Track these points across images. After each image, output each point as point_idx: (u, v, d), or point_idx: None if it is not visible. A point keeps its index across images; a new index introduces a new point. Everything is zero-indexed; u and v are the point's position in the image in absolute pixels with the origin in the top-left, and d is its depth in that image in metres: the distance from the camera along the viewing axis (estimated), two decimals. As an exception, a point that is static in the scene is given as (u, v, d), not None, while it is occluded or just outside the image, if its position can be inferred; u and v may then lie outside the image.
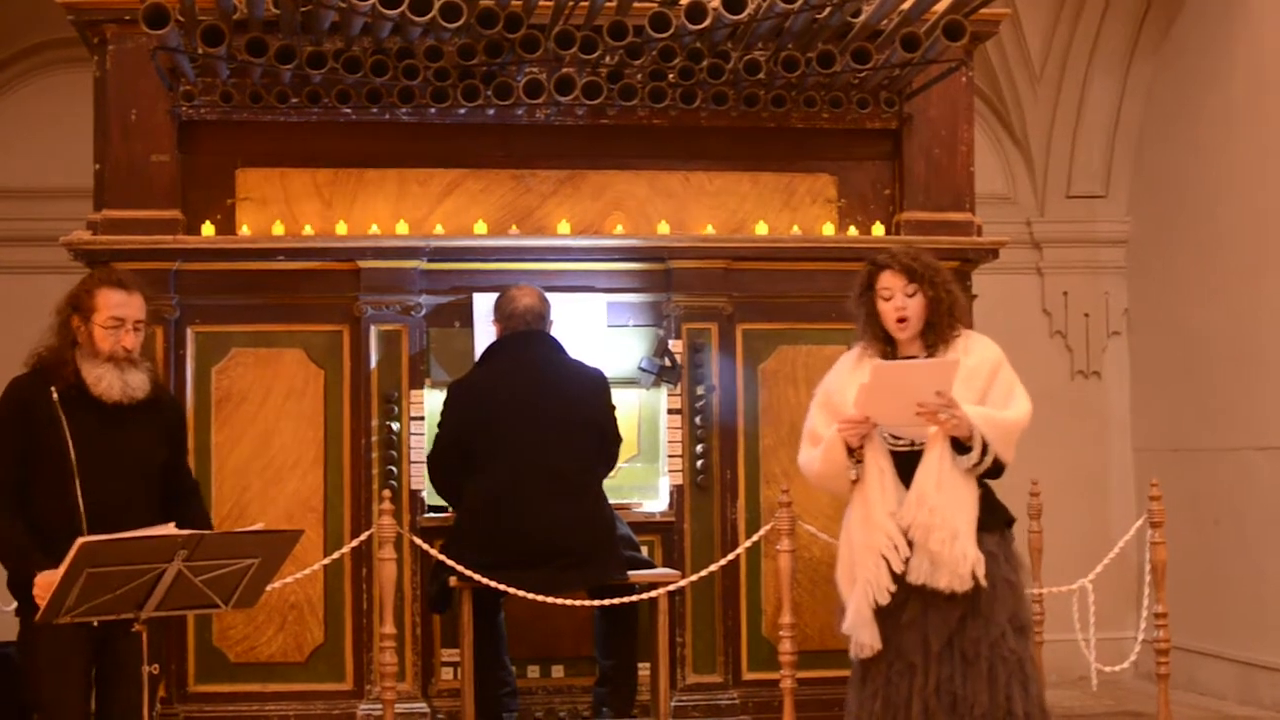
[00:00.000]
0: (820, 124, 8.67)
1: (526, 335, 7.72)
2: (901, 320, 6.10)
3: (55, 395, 5.95)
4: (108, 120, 8.27)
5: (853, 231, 8.71)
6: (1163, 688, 7.57)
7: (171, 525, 5.65)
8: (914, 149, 8.74)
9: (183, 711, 8.03)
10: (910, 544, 5.95)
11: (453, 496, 7.74)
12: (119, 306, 6.08)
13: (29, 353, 6.18)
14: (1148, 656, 7.93)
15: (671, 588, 7.53)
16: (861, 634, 6.01)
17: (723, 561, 7.72)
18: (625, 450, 8.06)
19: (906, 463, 6.01)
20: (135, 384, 6.08)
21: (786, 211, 8.75)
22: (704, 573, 7.62)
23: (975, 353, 6.13)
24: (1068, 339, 11.70)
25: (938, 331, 6.14)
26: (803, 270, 8.49)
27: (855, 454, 6.05)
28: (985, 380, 6.07)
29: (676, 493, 8.29)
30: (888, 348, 6.18)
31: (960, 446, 5.96)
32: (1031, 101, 11.63)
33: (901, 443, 6.03)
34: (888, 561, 5.95)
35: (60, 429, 5.92)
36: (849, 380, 6.17)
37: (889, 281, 6.12)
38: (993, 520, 6.08)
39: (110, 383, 6.03)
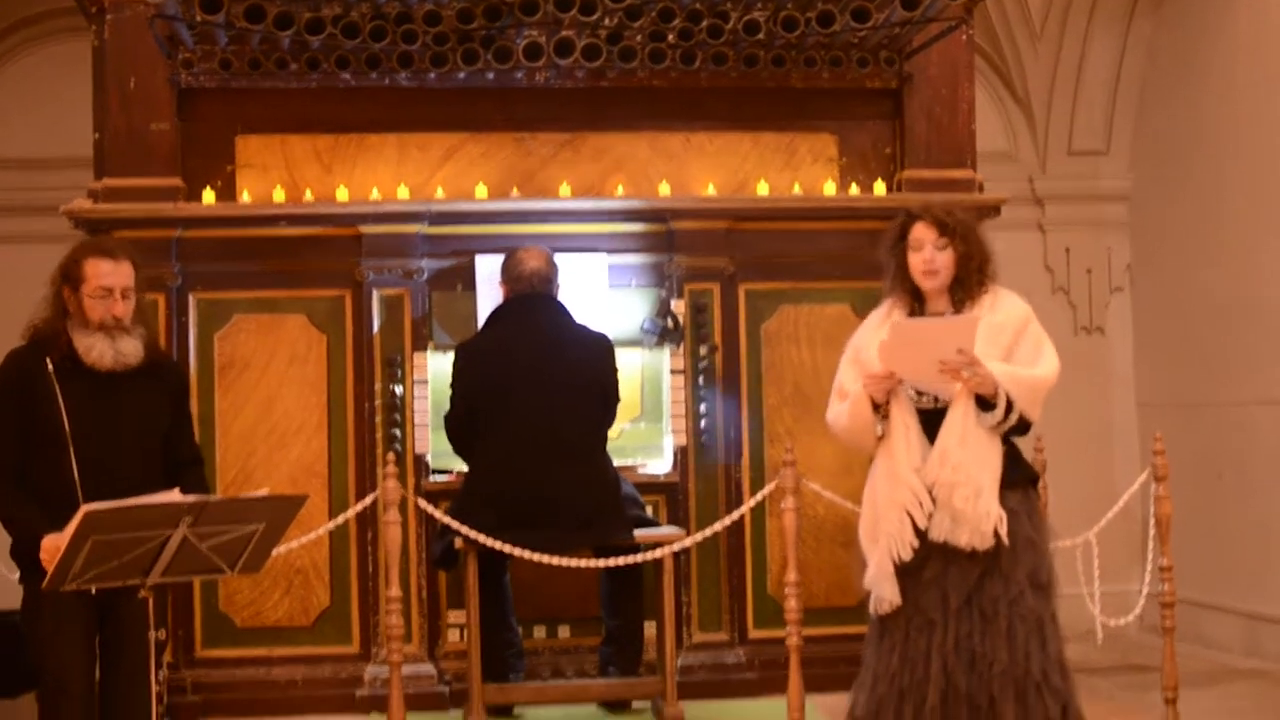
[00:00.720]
0: (820, 84, 8.67)
1: (533, 298, 7.72)
2: (929, 273, 6.05)
3: (50, 367, 5.95)
4: (106, 89, 8.27)
5: (854, 191, 8.71)
6: (1168, 641, 7.59)
7: (176, 492, 5.65)
8: (915, 107, 8.74)
9: (190, 676, 8.06)
10: (934, 500, 5.93)
11: (470, 457, 7.78)
12: (107, 276, 6.06)
13: (25, 324, 6.18)
14: (1153, 610, 7.94)
15: (676, 547, 7.54)
16: (883, 589, 5.99)
17: (727, 520, 7.72)
18: (629, 411, 8.08)
19: (932, 420, 5.97)
20: (127, 351, 6.07)
21: (788, 171, 8.76)
22: (709, 532, 7.62)
23: (1002, 309, 6.07)
24: (1070, 295, 11.69)
25: (966, 288, 6.07)
26: (804, 230, 8.51)
27: (881, 410, 6.03)
28: (1011, 337, 6.00)
29: (680, 453, 8.31)
30: (915, 302, 6.13)
31: (985, 404, 5.93)
32: (1032, 59, 11.60)
33: (926, 399, 6.01)
34: (911, 517, 5.94)
35: (55, 400, 5.92)
36: (876, 336, 6.13)
37: (921, 233, 6.06)
38: (1016, 478, 6.04)
39: (101, 351, 6.02)
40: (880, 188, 8.70)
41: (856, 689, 6.18)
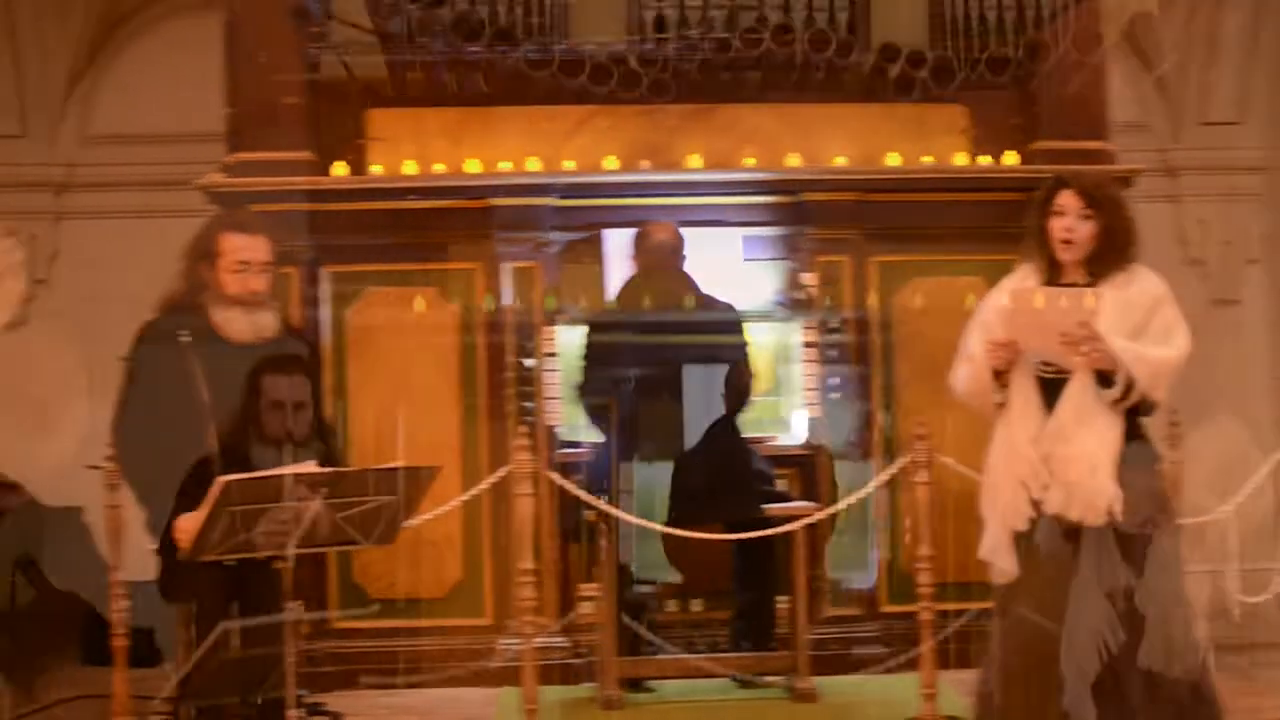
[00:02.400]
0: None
1: (661, 270, 7.72)
2: (1066, 243, 5.95)
3: (187, 339, 5.98)
4: (238, 64, 8.33)
5: (985, 161, 8.62)
6: (1307, 618, 7.50)
7: (312, 463, 5.69)
8: (1045, 77, 8.63)
9: (324, 647, 8.11)
10: (1050, 473, 5.87)
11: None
12: (243, 250, 6.11)
13: (158, 298, 6.21)
14: (1292, 588, 7.84)
15: (808, 521, 7.50)
16: (999, 559, 5.94)
17: (860, 494, 7.67)
18: (760, 384, 8.05)
19: (1054, 388, 5.89)
20: (264, 324, 6.13)
21: (918, 143, 8.68)
22: (840, 506, 7.57)
23: (1136, 286, 5.95)
24: (1205, 267, 11.55)
25: (1103, 264, 5.97)
26: (936, 201, 8.44)
27: (1001, 378, 5.96)
28: (1143, 315, 5.89)
29: (812, 426, 8.26)
30: (1051, 271, 6.04)
31: (1105, 379, 5.84)
32: (1164, 26, 11.43)
33: (1051, 369, 5.92)
34: (1027, 489, 5.88)
35: (194, 373, 5.96)
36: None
37: (1066, 200, 5.95)
38: (1140, 456, 5.95)
39: (240, 325, 6.08)
40: (1012, 158, 8.60)
41: (985, 665, 6.14)
